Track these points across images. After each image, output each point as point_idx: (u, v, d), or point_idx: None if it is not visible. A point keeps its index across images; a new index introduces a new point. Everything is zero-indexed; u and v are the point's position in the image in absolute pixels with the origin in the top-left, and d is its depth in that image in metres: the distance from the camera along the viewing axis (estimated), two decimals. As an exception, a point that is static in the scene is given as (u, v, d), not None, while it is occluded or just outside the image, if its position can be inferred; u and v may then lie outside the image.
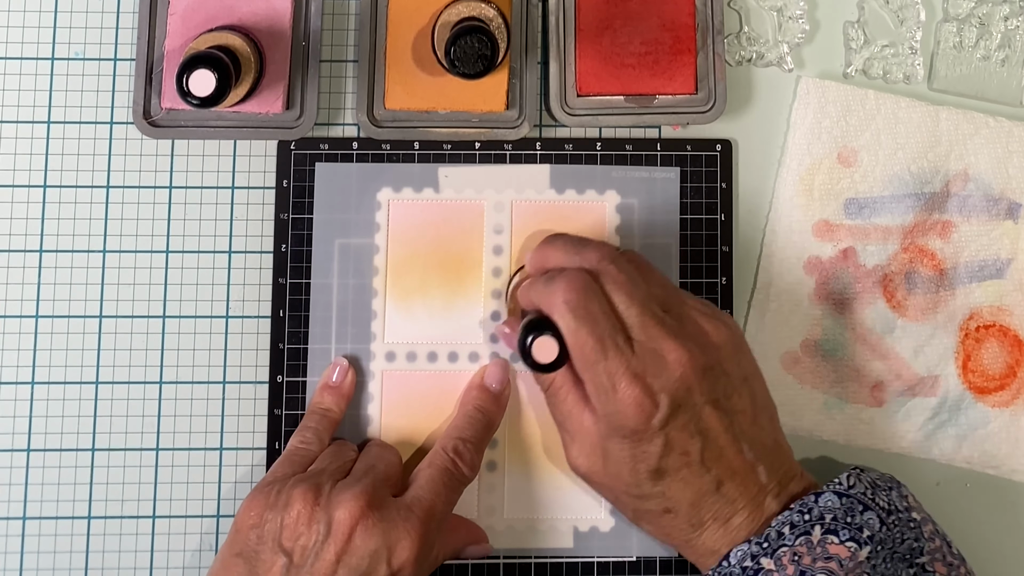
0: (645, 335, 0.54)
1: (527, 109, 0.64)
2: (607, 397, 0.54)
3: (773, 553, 0.53)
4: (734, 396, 0.56)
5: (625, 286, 0.55)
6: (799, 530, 0.53)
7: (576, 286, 0.55)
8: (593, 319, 0.54)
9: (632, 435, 0.54)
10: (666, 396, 0.53)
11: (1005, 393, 0.64)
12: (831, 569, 0.52)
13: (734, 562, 0.54)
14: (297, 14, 0.63)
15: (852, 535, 0.53)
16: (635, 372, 0.53)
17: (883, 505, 0.55)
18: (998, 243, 0.64)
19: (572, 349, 0.54)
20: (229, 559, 0.55)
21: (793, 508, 0.54)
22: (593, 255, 0.57)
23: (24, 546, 0.61)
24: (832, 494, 0.54)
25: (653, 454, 0.54)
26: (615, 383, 0.53)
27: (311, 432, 0.60)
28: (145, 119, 0.63)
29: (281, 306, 0.62)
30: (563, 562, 0.62)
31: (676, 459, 0.54)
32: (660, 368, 0.54)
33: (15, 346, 0.62)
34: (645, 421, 0.53)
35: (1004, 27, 0.66)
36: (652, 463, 0.54)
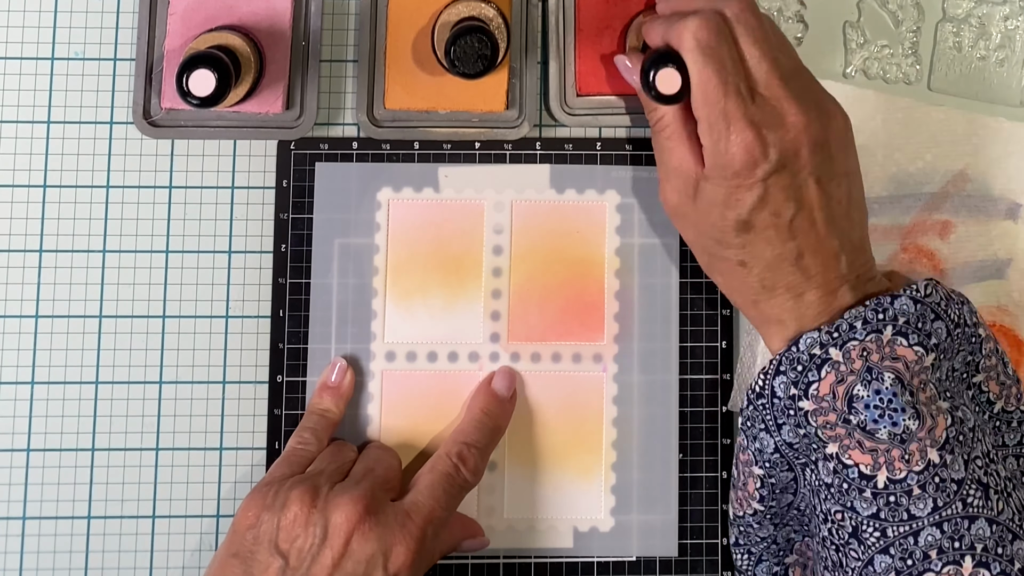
0: (769, 91, 0.54)
1: (527, 109, 0.64)
2: (719, 136, 0.54)
3: (843, 345, 0.53)
4: (834, 182, 0.56)
5: (761, 40, 0.55)
6: (871, 327, 0.54)
7: (710, 26, 0.54)
8: (721, 60, 0.54)
9: (733, 178, 0.54)
10: (775, 151, 0.53)
11: (1004, 393, 0.64)
12: (898, 369, 0.53)
13: (802, 348, 0.54)
14: (297, 14, 0.63)
15: (920, 340, 0.53)
16: (752, 119, 0.53)
17: (953, 317, 0.55)
18: (997, 243, 0.64)
19: (695, 85, 0.54)
20: (226, 559, 0.55)
21: (868, 305, 0.54)
22: (735, 4, 0.56)
23: (24, 546, 0.61)
24: (908, 299, 0.54)
25: (747, 203, 0.54)
26: (730, 124, 0.53)
27: (309, 433, 0.60)
28: (145, 119, 0.63)
29: (281, 306, 0.62)
30: (563, 562, 0.62)
31: (766, 217, 0.54)
32: (777, 124, 0.54)
33: (15, 346, 0.62)
34: (750, 167, 0.53)
35: (1003, 27, 0.66)
36: (743, 212, 0.54)
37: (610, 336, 0.63)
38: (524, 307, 0.63)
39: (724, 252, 0.56)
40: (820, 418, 0.53)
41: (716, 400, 0.63)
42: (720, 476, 0.63)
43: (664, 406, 0.63)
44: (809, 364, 0.54)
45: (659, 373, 0.63)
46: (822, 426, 0.53)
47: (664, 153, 0.58)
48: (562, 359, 0.63)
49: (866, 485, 0.52)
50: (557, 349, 0.63)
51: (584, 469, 0.62)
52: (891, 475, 0.52)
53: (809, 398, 0.53)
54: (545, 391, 0.63)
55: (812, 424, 0.53)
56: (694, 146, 0.56)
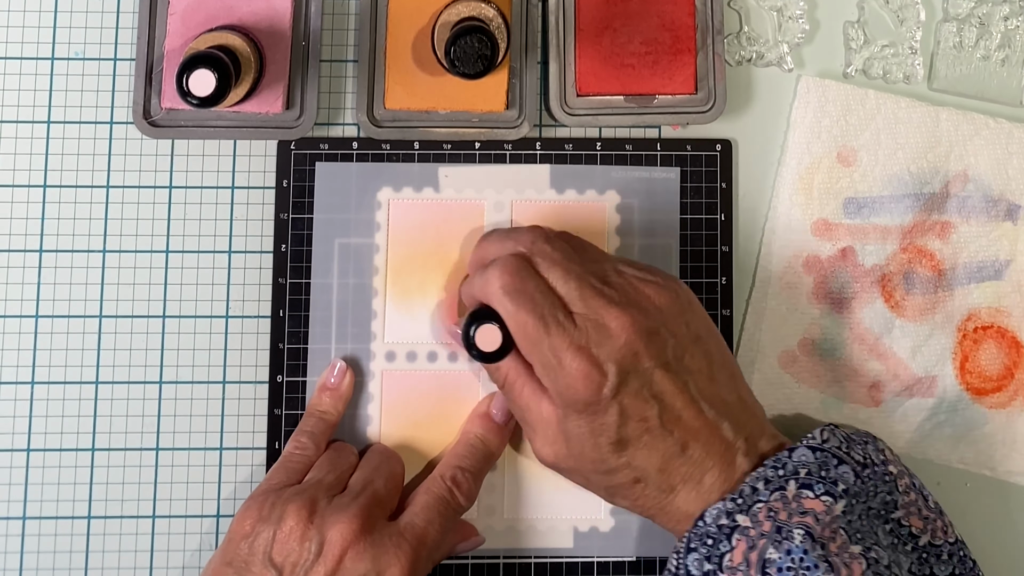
0: (585, 307, 0.54)
1: (527, 109, 0.64)
2: (555, 374, 0.53)
3: (748, 509, 0.52)
4: (686, 356, 0.55)
5: (560, 262, 0.55)
6: (773, 485, 0.53)
7: (509, 269, 0.54)
8: (530, 298, 0.54)
9: (586, 409, 0.53)
10: (613, 364, 0.53)
11: (1002, 395, 0.64)
12: (807, 524, 0.52)
13: (709, 521, 0.53)
14: (297, 14, 0.63)
15: (827, 489, 0.52)
16: (578, 344, 0.53)
17: (858, 459, 0.54)
18: (997, 244, 0.64)
19: (514, 333, 0.54)
20: (219, 567, 0.55)
21: (767, 464, 0.54)
22: (525, 238, 0.56)
23: (24, 546, 0.61)
24: (806, 448, 0.54)
25: (611, 425, 0.54)
26: (560, 358, 0.53)
27: (307, 437, 0.60)
28: (145, 119, 0.63)
29: (281, 306, 0.63)
30: (563, 562, 0.62)
31: (635, 426, 0.54)
32: (603, 337, 0.53)
33: (15, 346, 0.62)
34: (596, 392, 0.53)
35: (1004, 27, 0.66)
36: (612, 434, 0.54)
37: (610, 336, 0.63)
38: (524, 307, 0.63)
39: (616, 479, 0.55)
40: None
41: (716, 400, 0.63)
42: (720, 476, 0.63)
43: (664, 406, 0.63)
44: (719, 535, 0.52)
45: (659, 373, 0.63)
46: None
47: (520, 411, 0.57)
48: (562, 359, 0.63)
49: None
50: (557, 349, 0.63)
51: (584, 469, 0.62)
52: None
53: (724, 571, 0.52)
54: (545, 391, 0.63)
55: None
56: (544, 393, 0.55)
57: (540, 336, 0.53)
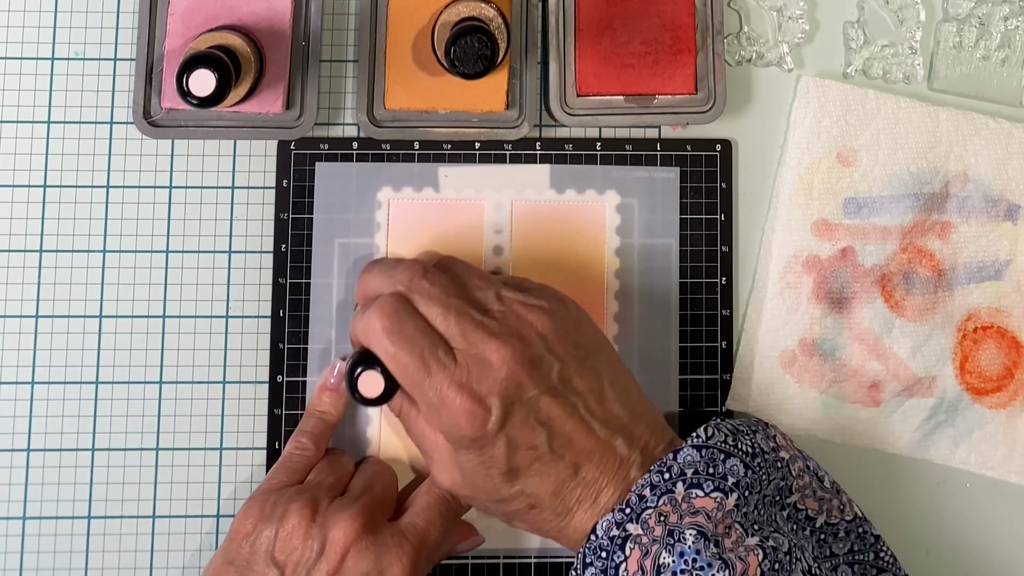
0: (465, 342, 0.53)
1: (527, 109, 0.64)
2: (439, 413, 0.53)
3: (638, 517, 0.52)
4: (574, 379, 0.55)
5: (438, 298, 0.54)
6: (660, 489, 0.52)
7: (388, 311, 0.54)
8: (410, 340, 0.53)
9: (473, 444, 0.53)
10: (496, 397, 0.52)
11: (1002, 395, 0.64)
12: (699, 523, 0.51)
13: (601, 534, 0.53)
14: (297, 14, 0.63)
15: (717, 485, 0.52)
16: (460, 382, 0.53)
17: (746, 449, 0.54)
18: (997, 244, 0.64)
19: (396, 375, 0.54)
20: (221, 566, 0.55)
21: (652, 470, 0.53)
22: (404, 275, 0.55)
23: (24, 546, 0.61)
24: (691, 448, 0.54)
25: (500, 457, 0.53)
26: (443, 397, 0.53)
27: (307, 437, 0.60)
28: (145, 119, 0.63)
29: (281, 306, 0.63)
30: (563, 562, 0.62)
31: (524, 455, 0.53)
32: (485, 372, 0.53)
33: (15, 346, 0.62)
34: (480, 428, 0.52)
35: (1004, 27, 0.66)
36: (502, 466, 0.53)
37: (610, 336, 0.63)
38: (524, 307, 0.63)
39: (512, 506, 0.55)
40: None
41: (716, 400, 0.63)
42: (720, 476, 0.63)
43: (664, 406, 0.63)
44: (611, 547, 0.52)
45: (659, 373, 0.63)
46: None
47: (417, 439, 0.57)
48: (562, 359, 0.63)
49: None
50: (557, 349, 0.63)
51: (584, 469, 0.62)
52: None
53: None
54: (545, 391, 0.63)
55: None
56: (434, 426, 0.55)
57: (421, 377, 0.53)
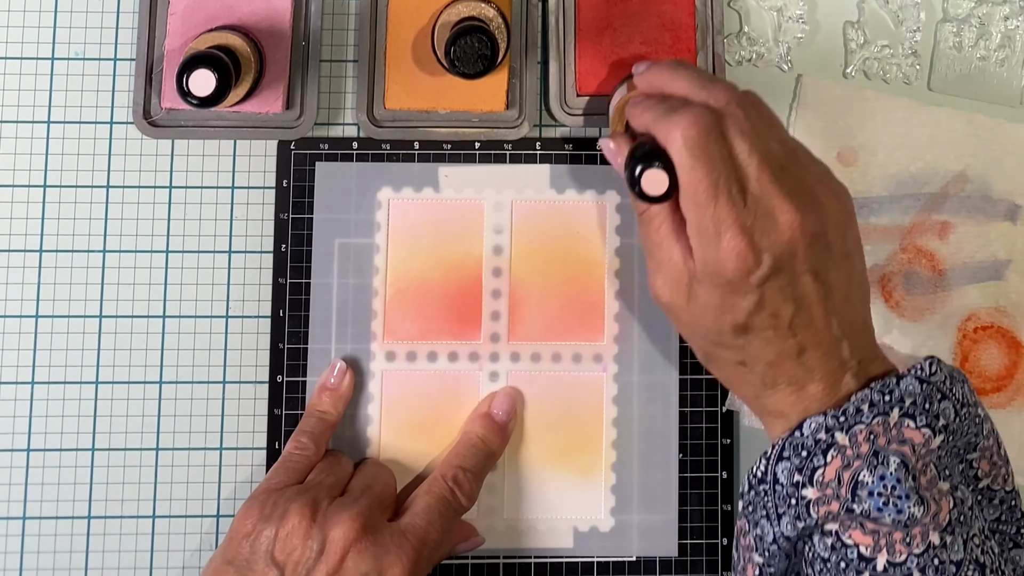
0: (760, 189, 0.52)
1: (527, 109, 0.64)
2: (709, 243, 0.52)
3: (848, 429, 0.52)
4: (833, 271, 0.54)
5: (749, 135, 0.52)
6: (877, 409, 0.52)
7: (701, 124, 0.52)
8: (711, 161, 0.51)
9: (727, 286, 0.52)
10: (770, 256, 0.51)
11: (1002, 395, 0.64)
12: (904, 453, 0.51)
13: (807, 432, 0.52)
14: (297, 14, 0.63)
15: (928, 422, 0.52)
16: (744, 225, 0.51)
17: (958, 397, 0.54)
18: (996, 244, 0.64)
19: (684, 187, 0.52)
20: (221, 566, 0.55)
21: (873, 387, 0.53)
22: (722, 95, 0.54)
23: (24, 546, 0.61)
24: (914, 379, 0.53)
25: (743, 309, 0.52)
26: (721, 231, 0.51)
27: (307, 437, 0.60)
28: (145, 119, 0.63)
29: (281, 306, 0.63)
30: (563, 562, 0.62)
31: (764, 319, 0.53)
32: (769, 226, 0.52)
33: (15, 346, 0.62)
34: (744, 276, 0.51)
35: (1004, 27, 0.66)
36: (740, 318, 0.53)
37: (610, 336, 0.63)
38: (524, 307, 0.63)
39: (722, 353, 0.55)
40: (823, 508, 0.51)
41: (716, 400, 0.63)
42: (720, 476, 0.63)
43: (664, 406, 0.63)
44: (814, 449, 0.52)
45: (659, 373, 0.63)
46: (824, 516, 0.51)
47: (651, 246, 0.56)
48: (562, 359, 0.63)
49: (865, 567, 0.50)
50: (557, 349, 0.63)
51: (584, 469, 0.62)
52: (891, 558, 0.50)
53: (814, 484, 0.51)
54: (545, 391, 0.63)
55: (812, 516, 0.51)
56: (684, 242, 0.54)
57: (708, 202, 0.51)
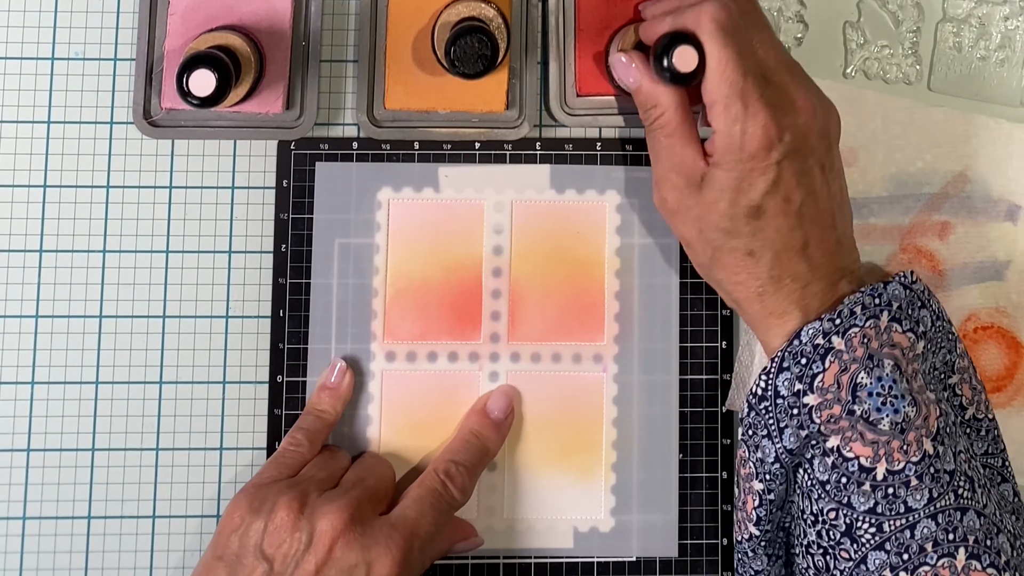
0: (778, 77, 0.55)
1: (527, 109, 0.64)
2: (736, 116, 0.54)
3: (844, 333, 0.54)
4: (832, 174, 0.57)
5: (767, 28, 0.56)
6: (869, 312, 0.54)
7: (728, 9, 0.55)
8: (740, 42, 0.55)
9: (749, 160, 0.54)
10: (789, 134, 0.54)
11: (1002, 395, 0.64)
12: (895, 356, 0.53)
13: (805, 340, 0.54)
14: (297, 14, 0.63)
15: (911, 327, 0.55)
16: (769, 101, 0.54)
17: (934, 308, 0.56)
18: (996, 245, 0.64)
19: (712, 66, 0.54)
20: (211, 561, 0.55)
21: (864, 291, 0.55)
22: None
23: (24, 546, 0.61)
24: (899, 284, 0.55)
25: (760, 188, 0.54)
26: (748, 104, 0.54)
27: (302, 434, 0.60)
28: (145, 119, 0.63)
29: (281, 306, 0.63)
30: (563, 562, 0.62)
31: (778, 202, 0.55)
32: (789, 108, 0.55)
33: (15, 346, 0.62)
34: (767, 149, 0.54)
35: (1003, 27, 0.66)
36: (755, 197, 0.55)
37: (610, 336, 0.63)
38: (524, 307, 0.63)
39: (732, 242, 0.56)
40: (824, 412, 0.53)
41: (716, 400, 0.63)
42: (720, 476, 0.63)
43: (664, 406, 0.63)
44: (813, 355, 0.54)
45: (659, 373, 0.63)
46: (826, 421, 0.53)
47: (664, 151, 0.58)
48: (562, 359, 0.63)
49: (865, 478, 0.52)
50: (557, 349, 0.63)
51: (584, 469, 0.62)
52: (890, 466, 0.52)
53: (814, 391, 0.53)
54: (545, 391, 0.63)
55: (815, 422, 0.53)
56: (696, 142, 0.57)
57: (736, 79, 0.54)
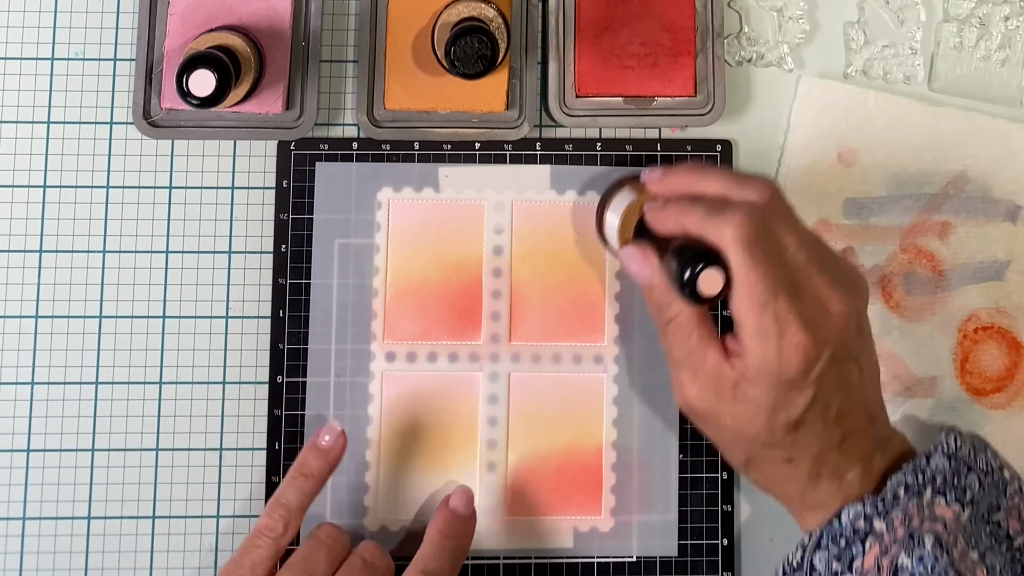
0: (810, 281, 0.52)
1: (527, 109, 0.64)
2: (771, 341, 0.51)
3: (886, 515, 0.52)
4: (863, 354, 0.54)
5: (795, 228, 0.53)
6: (913, 491, 0.53)
7: (754, 221, 0.51)
8: (768, 259, 0.51)
9: (786, 383, 0.51)
10: (828, 348, 0.51)
11: (1002, 395, 0.64)
12: (937, 531, 0.51)
13: (845, 521, 0.53)
14: (297, 14, 0.63)
15: (957, 496, 0.53)
16: (805, 318, 0.51)
17: (982, 467, 0.54)
18: (997, 245, 0.64)
19: (740, 287, 0.51)
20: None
21: (906, 468, 0.53)
22: (765, 190, 0.53)
23: (24, 546, 0.61)
24: (942, 456, 0.54)
25: (799, 405, 0.52)
26: (783, 328, 0.51)
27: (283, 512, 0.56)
28: (145, 119, 0.63)
29: (281, 306, 0.63)
30: (563, 562, 0.62)
31: (816, 412, 0.52)
32: (824, 318, 0.51)
33: (15, 346, 0.62)
34: (805, 372, 0.51)
35: (1004, 27, 0.66)
36: (795, 414, 0.52)
37: (610, 337, 0.63)
38: (524, 308, 0.63)
39: (770, 452, 0.54)
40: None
41: (716, 401, 0.63)
42: (720, 476, 0.63)
43: (664, 406, 0.63)
44: (853, 538, 0.52)
45: (659, 374, 0.63)
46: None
47: (682, 355, 0.54)
48: (562, 360, 0.63)
49: None
50: (557, 350, 0.63)
51: (584, 469, 0.62)
52: None
53: (852, 572, 0.52)
54: (545, 392, 0.63)
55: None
56: (718, 344, 0.54)
57: (768, 300, 0.51)
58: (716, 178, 0.55)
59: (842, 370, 0.53)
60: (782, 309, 0.51)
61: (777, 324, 0.51)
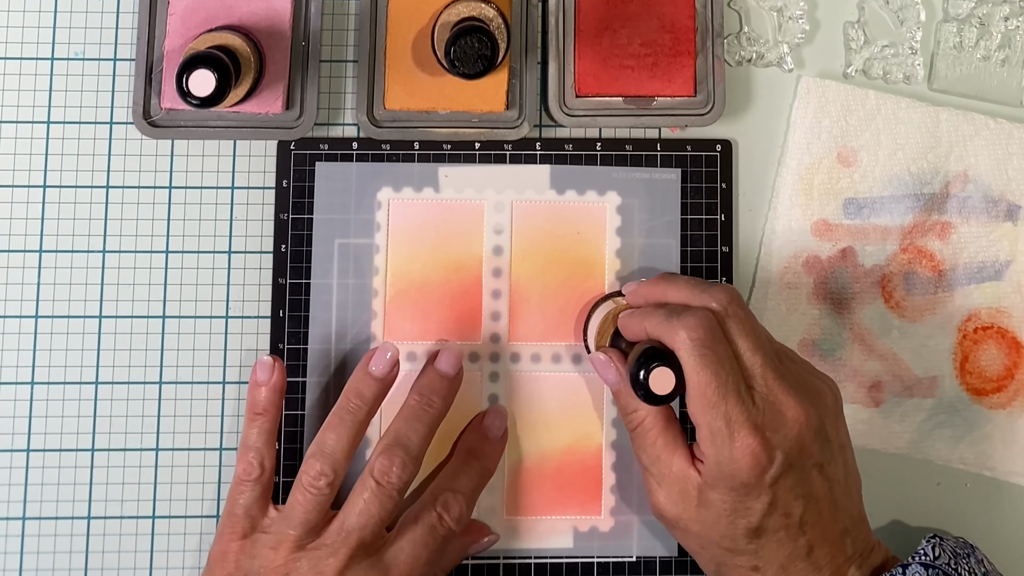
0: (766, 386, 0.53)
1: (527, 109, 0.64)
2: (722, 444, 0.52)
3: None
4: (832, 464, 0.54)
5: (751, 333, 0.54)
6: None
7: (705, 325, 0.53)
8: (719, 360, 0.52)
9: (740, 488, 0.52)
10: (781, 453, 0.52)
11: (1002, 395, 0.64)
12: None
13: None
14: (297, 14, 0.63)
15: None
16: (755, 423, 0.52)
17: (964, 575, 0.54)
18: (997, 245, 0.64)
19: (692, 388, 0.53)
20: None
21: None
22: (722, 296, 0.55)
23: (24, 546, 0.61)
24: (919, 566, 0.54)
25: (757, 511, 0.53)
26: (733, 431, 0.52)
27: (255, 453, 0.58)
28: (145, 119, 0.63)
29: (281, 306, 0.63)
30: (563, 562, 0.62)
31: (777, 519, 0.53)
32: (779, 423, 0.52)
33: (15, 346, 0.62)
34: (758, 475, 0.52)
35: (1004, 27, 0.66)
36: (754, 520, 0.53)
37: (610, 337, 0.63)
38: (524, 307, 0.63)
39: (735, 560, 0.54)
40: None
41: (716, 401, 0.63)
42: (719, 476, 0.63)
43: (664, 406, 0.63)
44: None
45: (659, 373, 0.63)
46: None
47: (649, 461, 0.56)
48: (562, 359, 0.63)
49: None
50: (557, 349, 0.63)
51: (584, 469, 0.62)
52: None
53: None
54: (545, 391, 0.63)
55: None
56: (683, 450, 0.55)
57: (719, 401, 0.52)
58: (682, 286, 0.57)
59: (802, 477, 0.53)
60: (733, 411, 0.52)
61: (728, 426, 0.52)
